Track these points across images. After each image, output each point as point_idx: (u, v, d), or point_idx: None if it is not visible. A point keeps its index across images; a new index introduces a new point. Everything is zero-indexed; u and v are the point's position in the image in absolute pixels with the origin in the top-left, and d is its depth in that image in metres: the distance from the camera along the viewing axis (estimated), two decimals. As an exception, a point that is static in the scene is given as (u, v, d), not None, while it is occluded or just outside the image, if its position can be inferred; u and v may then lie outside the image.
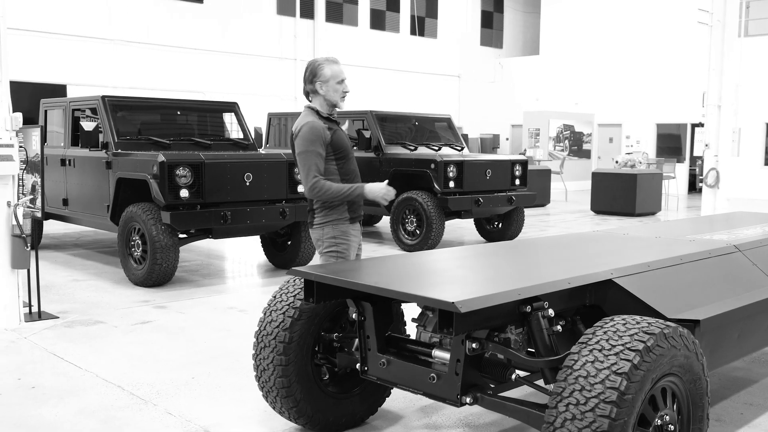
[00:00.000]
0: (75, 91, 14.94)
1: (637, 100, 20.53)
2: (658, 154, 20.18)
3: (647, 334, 2.27)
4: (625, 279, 2.90)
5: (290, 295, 3.08)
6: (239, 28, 17.86)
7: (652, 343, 2.25)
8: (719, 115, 11.87)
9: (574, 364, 2.24)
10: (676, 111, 19.76)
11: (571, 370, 2.23)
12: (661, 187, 14.19)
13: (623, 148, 20.70)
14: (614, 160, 14.62)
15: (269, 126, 11.02)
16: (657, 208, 13.97)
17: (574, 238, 4.01)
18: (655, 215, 13.80)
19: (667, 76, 19.80)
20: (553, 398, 2.21)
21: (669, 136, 20.59)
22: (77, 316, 5.44)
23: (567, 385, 2.19)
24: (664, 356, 2.28)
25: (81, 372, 4.14)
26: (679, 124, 20.13)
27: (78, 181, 7.49)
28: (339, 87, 3.52)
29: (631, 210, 13.39)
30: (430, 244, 8.54)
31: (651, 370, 2.22)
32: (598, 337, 2.30)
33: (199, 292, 6.34)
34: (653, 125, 20.58)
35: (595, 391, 2.14)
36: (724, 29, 11.56)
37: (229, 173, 6.45)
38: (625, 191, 13.44)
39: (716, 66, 11.73)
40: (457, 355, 2.56)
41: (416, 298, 2.41)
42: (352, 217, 3.58)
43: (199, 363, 4.31)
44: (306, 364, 3.05)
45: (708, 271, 3.37)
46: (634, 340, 2.25)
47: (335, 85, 3.50)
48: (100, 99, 7.19)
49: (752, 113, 17.76)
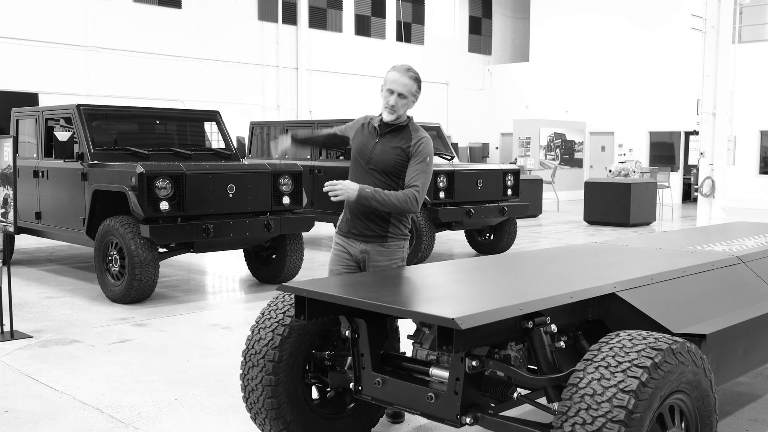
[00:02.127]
0: (48, 100, 14.80)
1: (629, 108, 20.75)
2: (651, 163, 20.38)
3: (655, 350, 2.27)
4: (629, 292, 2.90)
5: (279, 311, 3.05)
6: (220, 34, 17.84)
7: (660, 359, 2.24)
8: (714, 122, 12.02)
9: (579, 382, 2.23)
10: (669, 119, 19.98)
11: (576, 388, 2.22)
12: (656, 197, 14.31)
13: (616, 157, 20.87)
14: (607, 170, 14.73)
15: (252, 135, 10.99)
16: (651, 218, 14.08)
17: (573, 250, 4.02)
18: (649, 225, 13.91)
19: (660, 83, 20.03)
20: (558, 417, 2.20)
21: (662, 144, 20.81)
22: (52, 336, 5.35)
23: (572, 404, 2.18)
24: (672, 373, 2.27)
25: (57, 394, 4.06)
26: (672, 132, 20.36)
27: (52, 193, 7.40)
28: (387, 96, 3.35)
29: (625, 220, 13.48)
30: (420, 256, 8.53)
31: (659, 387, 2.21)
32: (604, 354, 2.29)
33: (181, 309, 6.27)
34: (646, 133, 20.79)
35: (602, 409, 2.12)
36: (718, 35, 11.74)
37: (211, 185, 6.41)
38: (619, 201, 13.53)
39: (710, 73, 11.89)
40: (457, 374, 2.54)
41: (414, 315, 2.39)
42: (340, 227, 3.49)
43: (182, 383, 4.25)
44: (296, 383, 3.01)
45: (712, 283, 3.38)
46: (642, 356, 2.24)
47: (385, 93, 3.36)
48: (74, 108, 7.13)
49: (747, 121, 18.01)
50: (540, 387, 2.62)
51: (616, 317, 2.88)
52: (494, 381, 2.64)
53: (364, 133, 3.49)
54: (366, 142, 3.45)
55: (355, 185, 3.24)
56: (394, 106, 3.33)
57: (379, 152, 3.39)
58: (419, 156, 3.36)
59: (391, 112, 3.35)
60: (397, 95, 3.32)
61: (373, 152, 3.40)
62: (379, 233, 3.40)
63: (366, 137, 3.47)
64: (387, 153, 3.38)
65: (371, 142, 3.44)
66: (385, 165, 3.37)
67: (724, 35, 11.78)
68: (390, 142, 3.40)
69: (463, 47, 24.26)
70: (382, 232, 3.40)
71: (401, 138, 3.40)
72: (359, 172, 3.42)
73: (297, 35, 19.40)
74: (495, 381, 2.64)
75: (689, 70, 18.45)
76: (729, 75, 12.17)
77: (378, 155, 3.39)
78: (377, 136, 3.43)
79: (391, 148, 3.38)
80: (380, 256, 3.40)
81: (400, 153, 3.37)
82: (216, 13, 17.77)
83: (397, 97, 3.32)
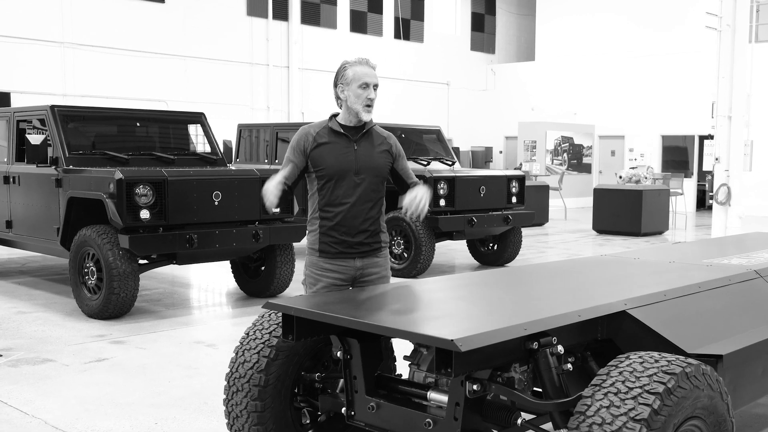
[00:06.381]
0: (21, 100, 14.77)
1: (640, 110, 20.81)
2: (664, 169, 20.43)
3: (668, 374, 2.25)
4: (640, 310, 2.88)
5: (265, 331, 3.02)
6: (206, 31, 17.86)
7: (673, 384, 2.23)
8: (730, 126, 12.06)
9: (587, 410, 2.21)
10: (682, 122, 20.04)
11: (584, 417, 2.20)
12: (669, 205, 14.34)
13: (626, 162, 20.93)
14: (617, 176, 14.76)
15: (240, 139, 10.98)
16: (664, 227, 14.10)
17: (580, 263, 4.01)
18: (662, 234, 13.92)
19: (673, 84, 20.11)
20: (565, 447, 2.18)
21: (675, 149, 20.88)
22: (23, 354, 5.31)
23: (580, 433, 2.16)
24: (686, 398, 2.26)
25: (27, 419, 4.02)
26: (685, 136, 20.42)
27: (24, 200, 7.37)
28: (362, 93, 3.25)
29: (636, 229, 13.50)
30: (419, 268, 8.51)
31: (673, 414, 2.20)
32: (613, 379, 2.27)
33: (162, 325, 6.24)
34: (658, 137, 20.85)
35: (612, 439, 2.10)
36: (734, 34, 11.79)
37: (196, 192, 6.39)
38: (630, 209, 13.55)
39: (726, 73, 11.94)
40: (456, 398, 2.51)
41: (410, 335, 2.37)
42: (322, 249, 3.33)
43: (163, 406, 4.22)
44: (284, 408, 2.99)
45: (728, 299, 3.38)
46: (653, 381, 2.23)
47: (357, 89, 3.24)
48: (48, 109, 7.11)
49: (765, 124, 18.08)
50: (546, 412, 2.60)
51: (626, 336, 2.87)
52: (497, 406, 2.62)
53: (329, 145, 3.31)
54: (342, 153, 3.31)
55: (422, 188, 3.28)
56: (373, 101, 3.30)
57: (366, 158, 3.35)
58: (401, 154, 3.50)
59: (370, 110, 3.31)
60: (373, 87, 3.29)
61: (359, 161, 3.33)
62: (375, 246, 3.41)
63: (338, 149, 3.31)
64: (375, 158, 3.37)
65: (349, 151, 3.32)
66: (377, 170, 3.37)
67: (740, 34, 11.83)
68: (370, 146, 3.38)
69: (464, 45, 24.33)
70: (376, 244, 3.42)
71: (376, 140, 3.41)
72: (347, 185, 3.31)
73: (288, 32, 19.43)
74: (497, 406, 2.62)
75: (703, 70, 18.54)
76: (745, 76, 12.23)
77: (366, 162, 3.34)
78: (352, 142, 3.34)
79: (378, 153, 3.39)
80: (377, 267, 3.41)
81: (386, 156, 3.42)
82: (202, 8, 17.79)
83: (374, 90, 3.30)
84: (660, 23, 20.65)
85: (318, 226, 3.36)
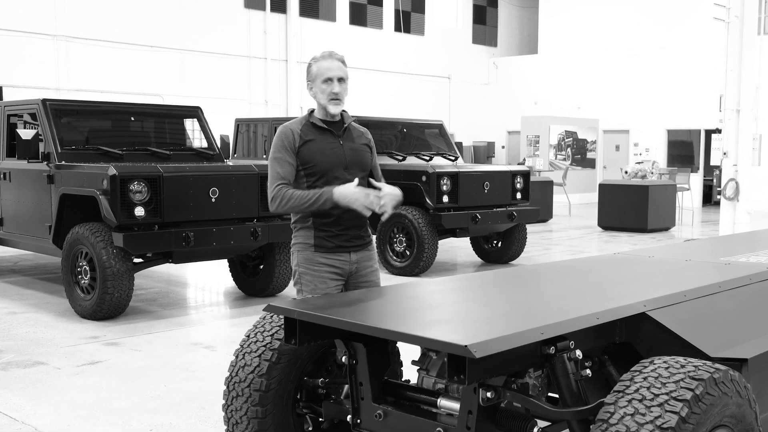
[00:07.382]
0: (13, 94, 14.67)
1: (645, 104, 20.74)
2: (670, 164, 20.38)
3: (695, 380, 2.16)
4: (660, 311, 2.79)
5: (267, 334, 2.93)
6: (202, 23, 17.75)
7: (701, 390, 2.14)
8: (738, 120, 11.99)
9: (610, 418, 2.12)
10: (689, 116, 19.98)
11: (606, 425, 2.11)
12: (675, 200, 14.26)
13: (631, 157, 20.86)
14: (623, 171, 14.68)
15: (237, 134, 10.89)
16: (671, 223, 14.03)
17: (592, 262, 3.92)
18: (668, 231, 13.85)
19: (679, 77, 20.03)
20: (587, 459, 2.08)
21: (681, 143, 20.81)
22: (13, 357, 5.25)
23: (603, 444, 2.07)
24: (714, 406, 2.17)
25: (17, 425, 3.95)
26: (691, 131, 20.35)
27: (15, 197, 7.32)
28: (326, 88, 3.30)
29: (642, 225, 13.43)
30: (421, 266, 8.44)
31: (701, 423, 2.11)
32: (638, 385, 2.18)
33: (158, 326, 6.19)
34: (664, 131, 20.79)
35: (637, 450, 2.01)
36: (742, 26, 11.71)
37: (192, 188, 6.33)
38: (636, 205, 13.48)
39: (734, 66, 11.86)
40: (469, 406, 2.42)
41: (421, 340, 2.27)
42: (318, 245, 3.35)
43: (159, 411, 4.16)
44: (286, 415, 2.90)
45: (749, 299, 3.29)
46: (680, 387, 2.13)
47: (321, 84, 3.31)
48: (40, 103, 7.04)
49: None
50: (562, 420, 2.51)
51: (646, 339, 2.78)
52: (511, 414, 2.53)
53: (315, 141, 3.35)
54: (330, 149, 3.37)
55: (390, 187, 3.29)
56: (338, 94, 3.32)
57: (353, 153, 3.45)
58: (375, 150, 3.60)
59: (338, 103, 3.34)
60: (338, 80, 3.32)
61: (346, 156, 3.42)
62: (367, 239, 3.53)
63: (325, 145, 3.37)
64: (359, 152, 3.48)
65: (336, 146, 3.39)
66: (363, 165, 3.48)
67: (748, 26, 11.75)
68: (352, 139, 3.47)
69: (466, 38, 24.23)
70: (368, 237, 3.54)
71: (356, 134, 3.50)
72: (338, 181, 3.34)
73: (287, 24, 19.34)
74: (512, 414, 2.53)
75: (711, 63, 18.45)
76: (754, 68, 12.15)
77: (353, 157, 3.44)
78: (337, 138, 3.40)
79: (360, 146, 3.49)
80: (370, 261, 3.53)
81: (367, 150, 3.53)
82: (198, 0, 17.69)
83: (339, 83, 3.33)
84: (666, 15, 20.55)
85: (312, 222, 3.39)
